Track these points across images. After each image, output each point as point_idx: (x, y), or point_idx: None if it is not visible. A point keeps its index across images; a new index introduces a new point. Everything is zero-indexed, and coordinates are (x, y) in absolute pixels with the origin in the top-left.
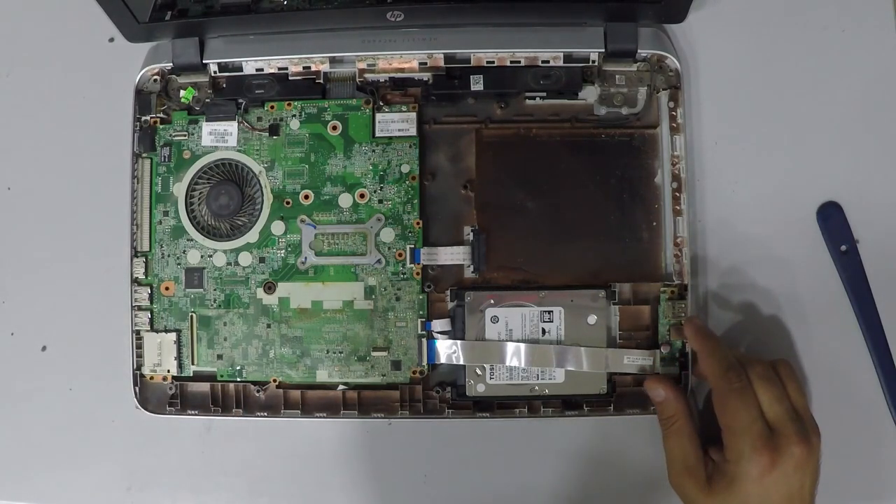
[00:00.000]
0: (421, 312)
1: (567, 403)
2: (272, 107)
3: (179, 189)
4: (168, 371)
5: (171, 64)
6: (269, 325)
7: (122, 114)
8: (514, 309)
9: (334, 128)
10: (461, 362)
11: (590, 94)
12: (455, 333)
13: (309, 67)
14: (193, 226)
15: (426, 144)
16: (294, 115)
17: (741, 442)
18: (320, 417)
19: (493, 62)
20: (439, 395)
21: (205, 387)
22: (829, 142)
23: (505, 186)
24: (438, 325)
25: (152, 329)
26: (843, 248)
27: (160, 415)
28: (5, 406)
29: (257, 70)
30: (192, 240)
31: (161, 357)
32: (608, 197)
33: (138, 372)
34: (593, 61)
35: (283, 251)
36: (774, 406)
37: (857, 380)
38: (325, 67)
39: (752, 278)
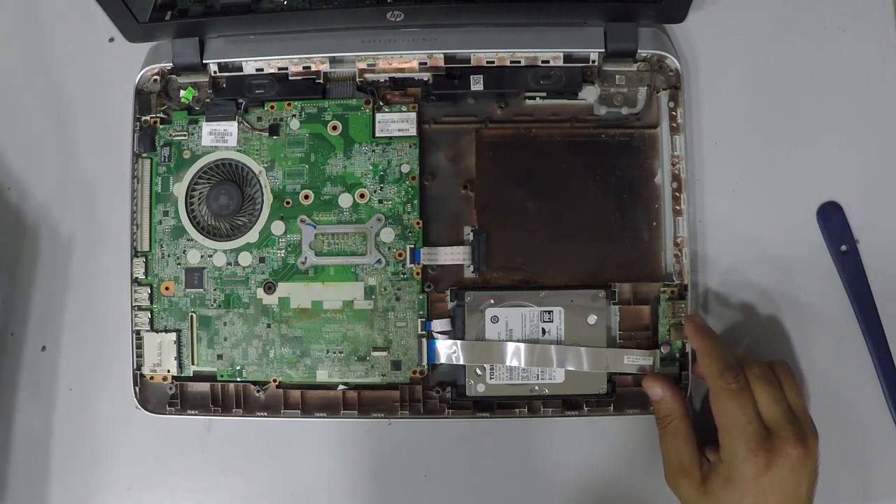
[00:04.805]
0: (421, 312)
1: (567, 403)
2: (272, 107)
3: (179, 189)
4: (168, 371)
5: (171, 64)
6: (269, 325)
7: (122, 114)
8: (514, 309)
9: (334, 128)
10: (461, 362)
11: (590, 94)
12: (455, 333)
13: (309, 67)
14: (193, 226)
15: (426, 144)
16: (294, 115)
17: (737, 442)
18: (320, 417)
19: (493, 62)
20: (439, 395)
21: (205, 387)
22: (829, 142)
23: (505, 186)
24: (438, 325)
25: (152, 329)
26: (843, 248)
27: (160, 415)
28: (5, 406)
29: (257, 70)
30: (192, 240)
31: (161, 357)
32: (608, 197)
33: (138, 372)
34: (593, 61)
35: (283, 251)
36: (772, 407)
37: (856, 380)
38: (325, 67)
39: (751, 278)
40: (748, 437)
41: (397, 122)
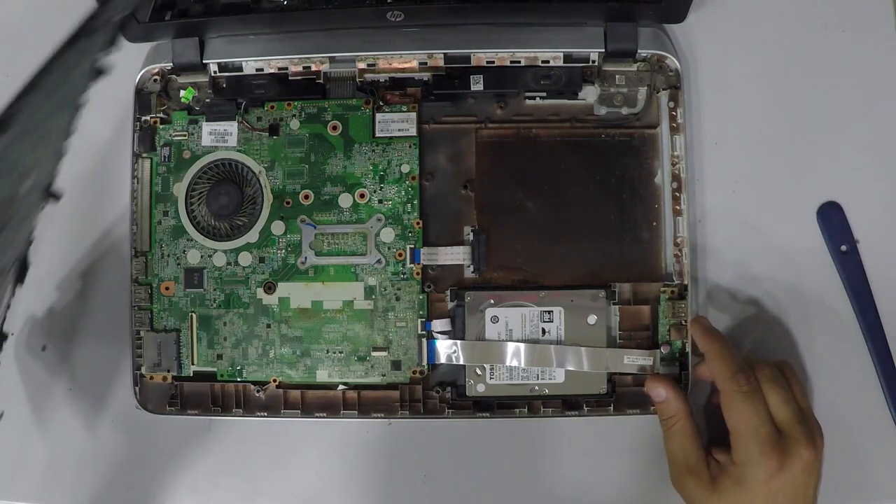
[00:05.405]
0: (421, 312)
1: (567, 403)
2: (272, 107)
3: (179, 189)
4: (168, 371)
5: (171, 64)
6: (269, 325)
7: (122, 114)
8: (514, 309)
9: (334, 128)
10: (461, 362)
11: (590, 94)
12: (455, 333)
13: (309, 67)
14: (193, 226)
15: (426, 144)
16: (294, 115)
17: (749, 445)
18: (320, 417)
19: (493, 62)
20: (439, 395)
21: (205, 387)
22: (830, 142)
23: (505, 186)
24: (438, 325)
25: (152, 329)
26: (843, 248)
27: (160, 415)
28: (5, 406)
29: (257, 70)
30: (192, 240)
31: (161, 357)
32: (608, 197)
33: (138, 372)
34: (593, 61)
35: (283, 251)
36: (783, 408)
37: (857, 380)
38: (325, 67)
39: (752, 278)
40: (762, 439)
41: (397, 122)
